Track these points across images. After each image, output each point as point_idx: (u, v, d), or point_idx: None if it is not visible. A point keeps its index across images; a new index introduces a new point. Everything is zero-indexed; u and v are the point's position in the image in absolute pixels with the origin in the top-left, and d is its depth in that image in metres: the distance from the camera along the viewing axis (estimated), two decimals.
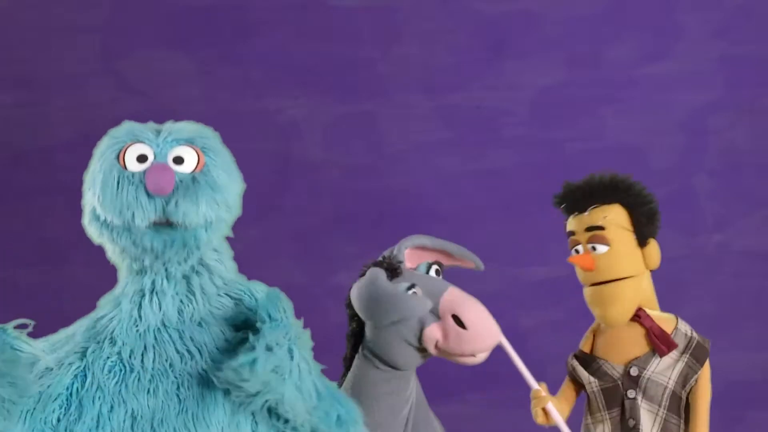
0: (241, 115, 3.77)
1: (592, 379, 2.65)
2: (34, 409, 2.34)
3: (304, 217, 3.80)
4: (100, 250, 2.48)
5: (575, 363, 2.68)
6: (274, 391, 2.30)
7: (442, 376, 2.67)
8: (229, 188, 2.38)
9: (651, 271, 2.68)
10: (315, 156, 3.81)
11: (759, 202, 3.84)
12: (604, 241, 2.61)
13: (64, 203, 3.75)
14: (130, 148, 2.34)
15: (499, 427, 3.72)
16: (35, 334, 2.55)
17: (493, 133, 3.82)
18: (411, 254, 2.61)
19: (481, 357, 2.49)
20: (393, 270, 2.54)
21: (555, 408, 2.60)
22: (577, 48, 3.81)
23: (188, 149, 2.35)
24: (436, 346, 2.47)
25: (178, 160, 2.33)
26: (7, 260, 3.73)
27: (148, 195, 2.29)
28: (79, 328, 2.44)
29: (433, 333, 2.47)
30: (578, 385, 2.68)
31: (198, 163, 2.34)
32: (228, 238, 2.50)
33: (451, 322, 2.46)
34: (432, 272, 2.57)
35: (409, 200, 3.79)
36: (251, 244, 3.74)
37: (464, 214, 3.79)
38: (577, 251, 2.64)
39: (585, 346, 2.71)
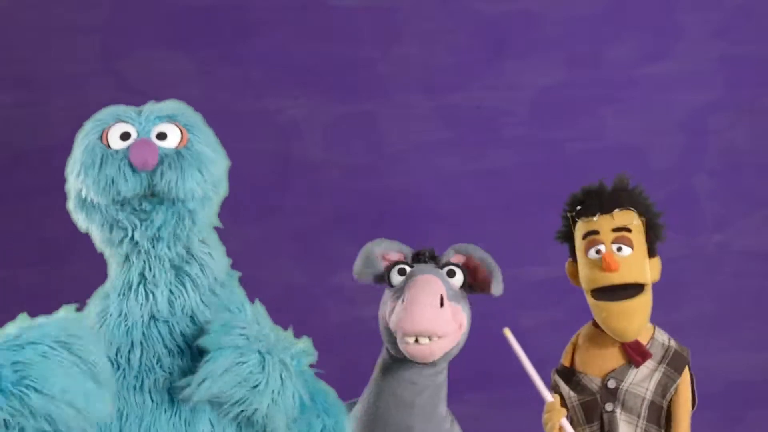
0: (241, 115, 3.77)
1: (572, 393, 2.65)
2: None
3: (304, 217, 3.80)
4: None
5: (557, 378, 2.67)
6: (247, 402, 2.30)
7: None
8: (215, 163, 2.38)
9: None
10: (315, 156, 3.81)
11: (759, 202, 3.84)
12: (630, 243, 2.58)
13: (64, 203, 3.74)
14: (113, 128, 2.35)
15: (499, 427, 3.72)
16: None
17: (493, 133, 3.82)
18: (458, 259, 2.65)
19: (410, 343, 2.48)
20: (418, 257, 2.59)
21: (569, 424, 2.58)
22: (577, 48, 3.81)
23: (171, 126, 2.36)
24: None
25: (162, 136, 2.34)
26: (7, 260, 3.73)
27: (133, 169, 2.29)
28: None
29: (387, 306, 2.51)
30: (564, 399, 2.68)
31: (182, 138, 2.35)
32: (228, 238, 2.50)
33: (403, 297, 2.49)
34: (445, 270, 2.58)
35: (409, 200, 3.79)
36: (251, 244, 3.74)
37: (464, 214, 3.79)
38: (598, 251, 2.61)
39: (565, 360, 2.70)
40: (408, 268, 2.58)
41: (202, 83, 3.79)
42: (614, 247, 2.59)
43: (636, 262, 2.58)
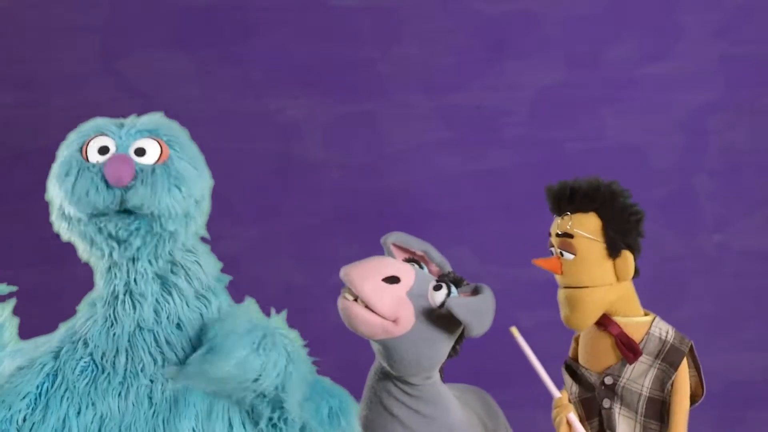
0: (241, 115, 3.77)
1: (573, 388, 2.66)
2: (1, 405, 2.33)
3: (304, 217, 3.80)
4: None
5: (563, 371, 2.69)
6: (264, 375, 2.30)
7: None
8: (194, 181, 2.35)
9: (632, 279, 2.66)
10: (315, 156, 3.81)
11: (759, 202, 3.84)
12: (570, 249, 2.61)
13: None
14: (93, 141, 2.34)
15: None
16: (35, 334, 2.55)
17: (493, 133, 3.82)
18: (396, 251, 2.63)
19: (343, 293, 2.50)
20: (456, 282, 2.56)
21: (576, 418, 2.60)
22: (577, 48, 3.81)
23: (151, 141, 2.34)
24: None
25: (140, 152, 2.33)
26: (7, 260, 3.73)
27: (107, 184, 2.29)
28: (59, 330, 2.44)
29: None
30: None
31: (161, 154, 2.33)
32: (228, 238, 2.49)
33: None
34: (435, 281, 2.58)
35: (409, 200, 3.79)
36: (251, 244, 3.75)
37: (464, 214, 3.79)
38: (551, 253, 2.65)
39: (572, 352, 2.73)
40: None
41: (202, 83, 3.79)
42: (560, 251, 2.62)
43: (580, 267, 2.60)
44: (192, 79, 3.79)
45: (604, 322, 2.63)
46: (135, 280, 2.33)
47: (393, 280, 2.48)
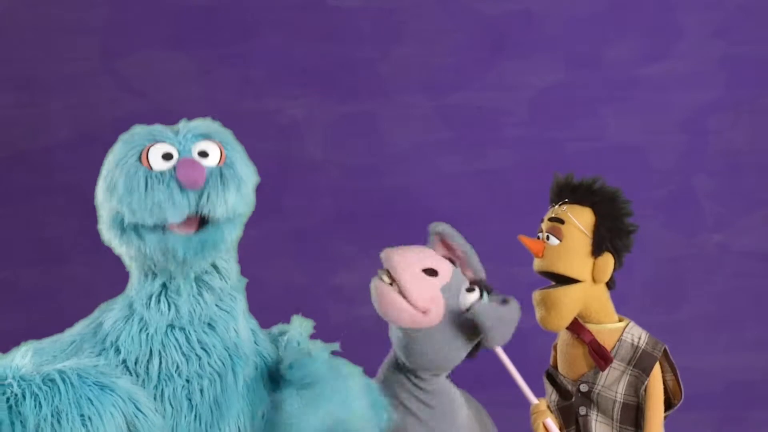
0: (241, 115, 3.77)
1: (553, 396, 2.68)
2: None
3: (304, 217, 3.80)
4: (100, 250, 2.48)
5: (544, 379, 2.71)
6: None
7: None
8: (250, 181, 2.38)
9: (606, 283, 2.66)
10: (315, 156, 3.81)
11: (759, 202, 3.84)
12: (558, 234, 2.62)
13: (64, 203, 3.75)
14: (153, 148, 2.31)
15: (499, 427, 3.71)
16: (35, 334, 2.55)
17: (493, 133, 3.82)
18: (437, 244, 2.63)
19: (378, 275, 2.52)
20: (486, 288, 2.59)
21: (554, 423, 2.61)
22: (577, 48, 3.81)
23: (210, 143, 2.35)
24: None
25: (203, 154, 2.33)
26: (7, 260, 3.73)
27: (181, 190, 2.28)
28: (82, 335, 2.42)
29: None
30: None
31: (221, 156, 2.34)
32: None
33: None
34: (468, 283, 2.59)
35: (409, 200, 3.79)
36: (251, 244, 3.74)
37: (464, 214, 3.78)
38: (538, 237, 2.66)
39: (552, 360, 2.74)
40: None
41: (202, 83, 3.79)
42: (546, 235, 2.63)
43: (561, 254, 2.61)
44: (192, 79, 3.79)
45: (577, 330, 2.63)
46: (175, 278, 2.34)
47: (432, 272, 2.51)
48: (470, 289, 2.54)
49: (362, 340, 2.59)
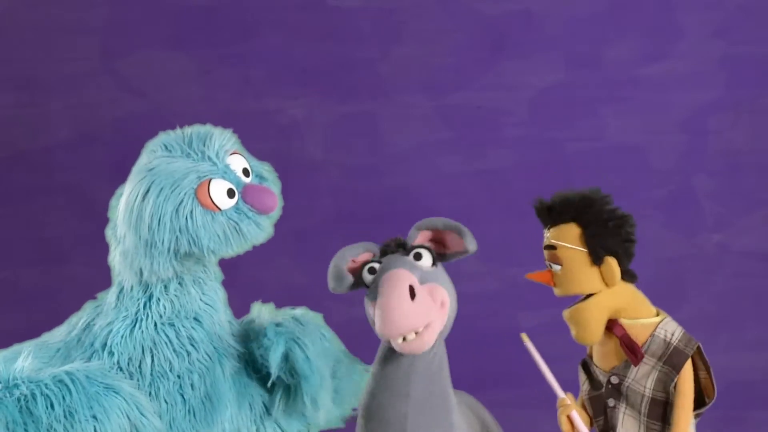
0: (241, 115, 3.77)
1: (585, 386, 2.69)
2: None
3: (304, 217, 3.80)
4: (99, 250, 2.48)
5: (579, 368, 2.71)
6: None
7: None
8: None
9: (625, 279, 2.66)
10: (315, 156, 3.81)
11: (759, 202, 3.84)
12: (556, 261, 2.63)
13: (64, 203, 3.75)
14: (212, 190, 2.32)
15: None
16: (35, 334, 2.55)
17: (493, 133, 3.82)
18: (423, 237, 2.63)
19: (400, 343, 2.47)
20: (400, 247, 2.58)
21: (579, 416, 2.63)
22: (577, 48, 3.81)
23: (236, 157, 2.38)
24: None
25: (246, 172, 2.36)
26: (7, 260, 3.73)
27: (257, 214, 2.31)
28: (68, 339, 2.43)
29: (369, 309, 2.48)
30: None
31: (247, 162, 2.38)
32: None
33: (379, 302, 2.46)
34: (411, 255, 2.57)
35: (409, 200, 3.79)
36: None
37: (464, 214, 3.76)
38: (546, 266, 2.67)
39: (589, 349, 2.74)
40: (377, 265, 2.55)
41: (202, 83, 3.79)
42: (548, 264, 2.65)
43: (567, 278, 2.62)
44: (192, 79, 3.79)
45: (609, 324, 2.64)
46: (170, 283, 2.35)
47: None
48: (417, 256, 2.56)
49: (363, 340, 2.59)
